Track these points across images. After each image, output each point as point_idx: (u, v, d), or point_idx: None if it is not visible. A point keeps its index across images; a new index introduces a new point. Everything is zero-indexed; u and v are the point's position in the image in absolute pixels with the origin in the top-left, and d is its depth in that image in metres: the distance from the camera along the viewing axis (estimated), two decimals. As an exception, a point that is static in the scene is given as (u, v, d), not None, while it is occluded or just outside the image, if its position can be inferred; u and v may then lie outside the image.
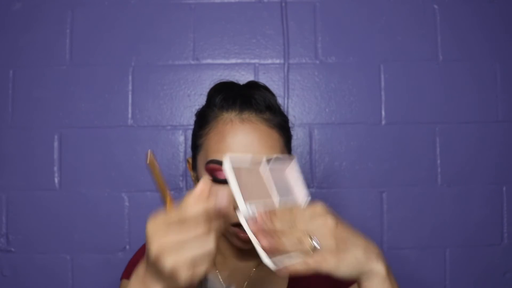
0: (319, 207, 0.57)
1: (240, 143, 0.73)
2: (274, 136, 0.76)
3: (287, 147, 0.80)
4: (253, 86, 0.82)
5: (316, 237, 0.54)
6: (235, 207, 0.71)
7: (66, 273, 1.18)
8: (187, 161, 0.87)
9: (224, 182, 0.71)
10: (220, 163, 0.72)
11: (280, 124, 0.78)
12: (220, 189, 0.72)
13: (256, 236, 0.53)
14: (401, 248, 1.20)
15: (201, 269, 0.48)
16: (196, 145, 0.81)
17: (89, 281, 1.17)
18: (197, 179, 0.81)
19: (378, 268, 0.56)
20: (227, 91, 0.80)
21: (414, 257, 1.20)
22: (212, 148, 0.75)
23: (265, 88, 0.82)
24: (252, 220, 0.54)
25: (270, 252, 0.53)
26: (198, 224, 0.48)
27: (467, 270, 1.20)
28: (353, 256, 0.55)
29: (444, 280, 1.20)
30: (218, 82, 0.84)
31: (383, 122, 1.22)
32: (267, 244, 0.53)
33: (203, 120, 0.80)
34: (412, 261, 1.19)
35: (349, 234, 0.57)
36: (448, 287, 1.20)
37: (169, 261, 0.46)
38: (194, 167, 0.82)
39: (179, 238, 0.47)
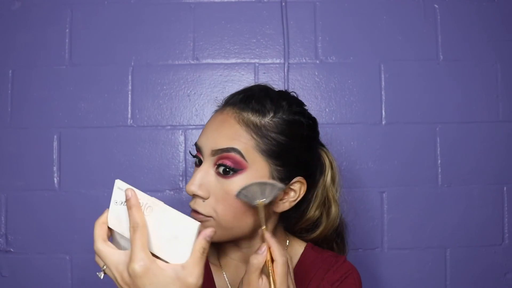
0: None
1: (207, 129, 0.78)
2: (238, 131, 0.73)
3: (263, 154, 0.74)
4: (263, 89, 0.82)
5: None
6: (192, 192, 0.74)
7: (66, 274, 1.17)
8: None
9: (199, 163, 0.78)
10: (195, 145, 0.79)
11: (258, 127, 0.74)
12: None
13: None
14: (401, 248, 1.19)
15: None
16: None
17: (88, 282, 1.17)
18: None
19: None
20: (247, 92, 0.81)
21: (414, 257, 1.19)
22: None
23: (281, 97, 0.81)
24: None
25: None
26: None
27: (467, 270, 1.20)
28: None
29: (445, 281, 1.20)
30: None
31: (383, 122, 1.22)
32: None
33: None
34: (412, 261, 1.19)
35: None
36: (449, 288, 1.20)
37: None
38: None
39: None
